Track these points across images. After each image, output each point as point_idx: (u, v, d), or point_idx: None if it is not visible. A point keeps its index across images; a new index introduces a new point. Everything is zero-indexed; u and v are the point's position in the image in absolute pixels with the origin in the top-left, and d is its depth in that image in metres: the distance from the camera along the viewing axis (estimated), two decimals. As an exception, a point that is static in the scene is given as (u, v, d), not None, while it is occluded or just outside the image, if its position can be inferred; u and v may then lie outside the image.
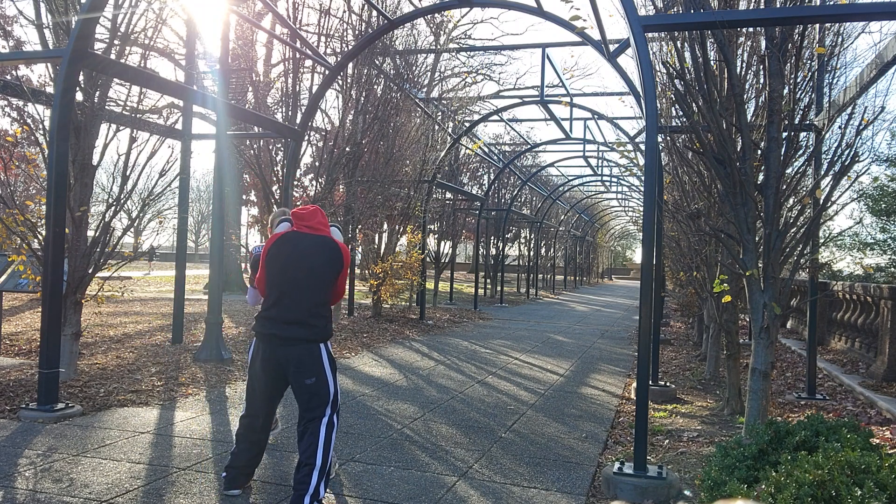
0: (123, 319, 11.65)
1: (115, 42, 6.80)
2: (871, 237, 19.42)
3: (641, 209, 9.89)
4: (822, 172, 4.61)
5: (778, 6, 4.53)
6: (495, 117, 16.84)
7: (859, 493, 2.38)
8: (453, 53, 21.85)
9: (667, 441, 5.42)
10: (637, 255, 72.46)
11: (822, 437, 3.07)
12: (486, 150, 19.77)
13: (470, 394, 7.16)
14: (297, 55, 10.76)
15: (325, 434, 3.73)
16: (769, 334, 4.46)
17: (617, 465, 4.35)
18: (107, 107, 6.95)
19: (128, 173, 6.80)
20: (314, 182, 12.77)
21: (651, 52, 4.96)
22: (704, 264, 6.94)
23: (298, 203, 12.95)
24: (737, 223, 4.50)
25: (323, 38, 11.44)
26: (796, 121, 4.62)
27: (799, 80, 4.56)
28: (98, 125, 6.75)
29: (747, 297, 4.58)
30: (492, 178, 24.70)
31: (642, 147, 5.57)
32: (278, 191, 10.87)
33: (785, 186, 4.58)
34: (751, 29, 4.97)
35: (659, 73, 5.68)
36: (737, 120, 4.50)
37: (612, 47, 7.48)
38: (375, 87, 12.58)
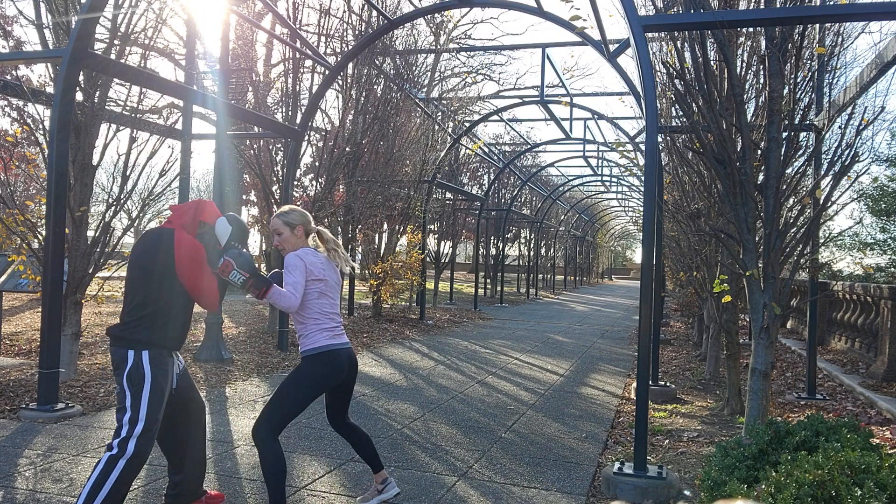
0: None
1: (115, 42, 6.80)
2: (871, 237, 19.44)
3: (641, 209, 9.89)
4: (822, 172, 4.61)
5: (778, 6, 4.53)
6: (495, 117, 16.83)
7: (859, 493, 2.38)
8: (453, 53, 21.86)
9: (667, 441, 5.42)
10: (637, 255, 72.46)
11: (822, 437, 3.07)
12: (486, 150, 19.77)
13: (470, 394, 7.16)
14: (297, 55, 10.76)
15: (99, 473, 3.00)
16: (769, 334, 4.46)
17: (617, 465, 4.35)
18: (107, 107, 6.95)
19: (128, 173, 6.80)
20: (314, 182, 12.77)
21: (651, 52, 4.96)
22: (704, 264, 6.94)
23: (299, 203, 12.95)
24: (737, 223, 4.50)
25: (323, 38, 11.44)
26: (796, 121, 4.62)
27: (799, 80, 4.56)
28: (98, 125, 6.75)
29: (747, 297, 4.58)
30: (492, 178, 24.69)
31: (642, 147, 5.57)
32: (278, 191, 10.87)
33: (785, 186, 4.58)
34: (751, 29, 4.97)
35: (659, 73, 5.68)
36: (737, 120, 4.50)
37: (612, 47, 7.47)
38: (375, 87, 12.58)
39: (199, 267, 3.29)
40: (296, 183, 11.47)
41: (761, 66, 4.87)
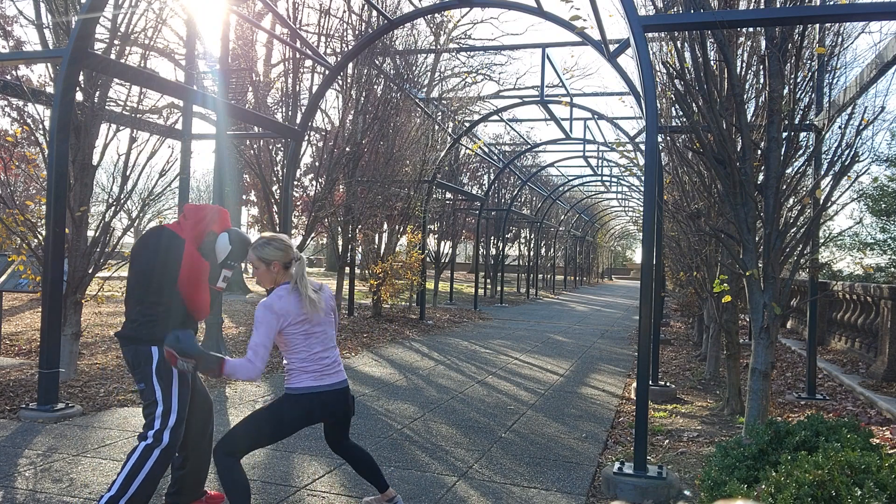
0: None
1: (115, 42, 6.80)
2: (871, 237, 19.45)
3: (641, 209, 9.89)
4: (822, 172, 4.61)
5: (778, 6, 4.53)
6: (495, 117, 16.83)
7: (859, 493, 2.38)
8: (453, 53, 21.87)
9: (667, 441, 5.42)
10: (637, 255, 72.47)
11: (822, 437, 3.07)
12: (486, 150, 19.77)
13: (470, 394, 7.16)
14: (297, 55, 10.76)
15: (135, 461, 3.13)
16: (769, 334, 4.46)
17: (617, 465, 4.35)
18: (107, 107, 6.95)
19: (128, 173, 6.80)
20: (314, 182, 12.77)
21: (651, 52, 4.96)
22: (704, 264, 6.94)
23: (298, 203, 12.95)
24: (737, 223, 4.50)
25: (323, 38, 11.44)
26: (796, 121, 4.62)
27: (799, 80, 4.56)
28: (98, 125, 6.75)
29: (747, 297, 4.58)
30: (492, 178, 24.69)
31: (642, 147, 5.57)
32: (278, 191, 10.86)
33: (785, 186, 4.58)
34: (751, 29, 4.97)
35: (659, 73, 5.68)
36: (737, 120, 4.50)
37: (612, 47, 7.47)
38: (375, 87, 12.58)
39: (196, 283, 3.34)
40: (296, 183, 11.47)
41: (761, 66, 4.87)
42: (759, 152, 4.62)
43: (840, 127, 4.53)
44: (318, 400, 3.22)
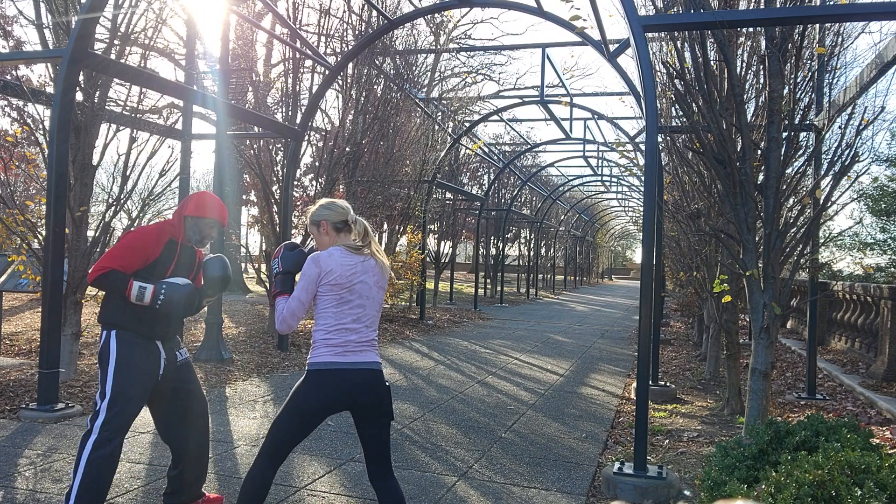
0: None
1: (115, 42, 6.80)
2: (871, 237, 19.44)
3: (641, 209, 9.89)
4: (822, 172, 4.61)
5: (778, 6, 4.53)
6: (495, 117, 16.83)
7: (859, 493, 2.38)
8: (453, 53, 21.86)
9: (667, 441, 5.42)
10: (637, 255, 72.45)
11: (822, 437, 3.07)
12: (486, 150, 19.77)
13: (470, 394, 7.16)
14: (297, 55, 10.76)
15: (78, 451, 3.11)
16: (769, 334, 4.46)
17: (617, 465, 4.35)
18: (107, 107, 6.95)
19: (128, 173, 6.80)
20: (314, 182, 12.77)
21: (651, 52, 4.96)
22: (704, 264, 6.94)
23: (298, 203, 12.96)
24: (737, 223, 4.50)
25: (323, 38, 11.44)
26: (796, 121, 4.62)
27: (799, 80, 4.56)
28: (98, 125, 6.75)
29: (747, 297, 4.58)
30: (492, 178, 24.70)
31: (642, 147, 5.57)
32: (278, 191, 10.86)
33: (785, 186, 4.58)
34: (751, 29, 4.97)
35: (659, 73, 5.68)
36: (737, 120, 4.50)
37: (612, 47, 7.47)
38: (375, 87, 12.58)
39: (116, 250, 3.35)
40: (296, 183, 11.48)
41: (761, 66, 4.87)
42: (759, 152, 4.62)
43: (840, 127, 4.53)
44: (334, 378, 2.83)
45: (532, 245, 28.43)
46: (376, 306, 3.01)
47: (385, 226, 15.90)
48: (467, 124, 17.03)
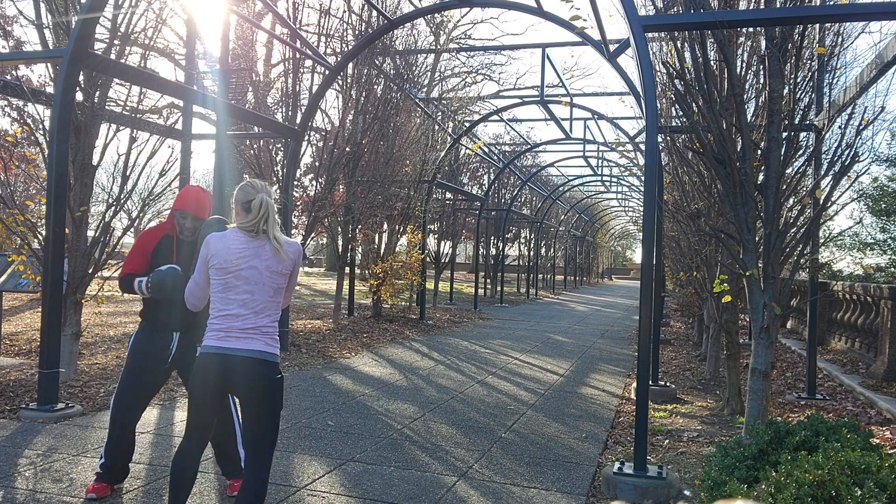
0: (123, 319, 11.65)
1: (115, 42, 6.80)
2: (871, 237, 19.44)
3: (641, 209, 9.89)
4: (822, 172, 4.61)
5: (778, 6, 4.53)
6: (495, 117, 16.83)
7: (859, 493, 2.38)
8: (453, 53, 21.87)
9: (667, 441, 5.42)
10: (637, 255, 72.44)
11: (822, 437, 3.07)
12: (486, 150, 19.77)
13: (470, 394, 7.16)
14: (297, 55, 10.76)
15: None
16: (769, 334, 4.46)
17: (617, 465, 4.35)
18: (107, 107, 6.95)
19: (128, 173, 6.80)
20: (314, 182, 12.76)
21: (651, 52, 4.96)
22: (704, 264, 6.94)
23: (298, 203, 12.95)
24: (737, 223, 4.50)
25: (323, 38, 11.44)
26: (796, 121, 4.62)
27: (799, 80, 4.56)
28: (98, 125, 6.75)
29: (747, 297, 4.58)
30: (492, 178, 24.69)
31: (642, 147, 5.57)
32: (278, 191, 10.86)
33: (785, 186, 4.58)
34: (751, 29, 4.97)
35: (659, 73, 5.68)
36: (737, 120, 4.50)
37: (612, 47, 7.47)
38: (375, 87, 12.57)
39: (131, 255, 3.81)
40: (296, 183, 11.47)
41: (761, 66, 4.87)
42: (759, 152, 4.63)
43: (840, 127, 4.53)
44: (216, 362, 2.87)
45: (532, 245, 28.43)
46: (269, 292, 2.93)
47: (385, 226, 15.89)
48: (467, 124, 17.03)
